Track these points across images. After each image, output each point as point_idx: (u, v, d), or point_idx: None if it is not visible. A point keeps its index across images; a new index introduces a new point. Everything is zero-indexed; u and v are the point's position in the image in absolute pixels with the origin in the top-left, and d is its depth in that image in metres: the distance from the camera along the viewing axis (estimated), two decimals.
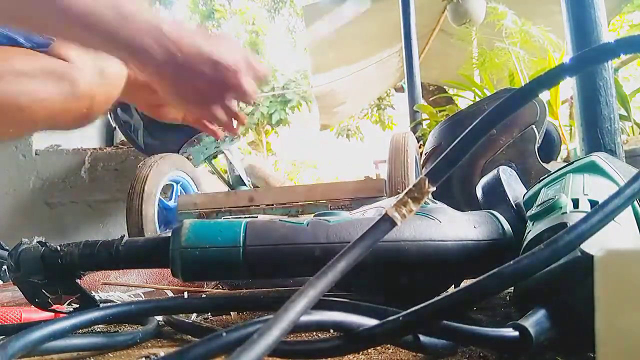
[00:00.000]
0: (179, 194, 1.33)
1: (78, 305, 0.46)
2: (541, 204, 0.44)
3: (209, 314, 0.53)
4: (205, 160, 1.57)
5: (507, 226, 0.49)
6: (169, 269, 0.66)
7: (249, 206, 1.16)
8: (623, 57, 0.58)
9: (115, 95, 0.70)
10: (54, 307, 0.47)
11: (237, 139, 1.57)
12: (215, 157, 1.58)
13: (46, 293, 0.44)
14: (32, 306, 0.51)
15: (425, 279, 0.47)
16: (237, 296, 0.56)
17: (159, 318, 0.48)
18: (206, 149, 1.51)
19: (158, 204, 1.23)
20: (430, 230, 0.44)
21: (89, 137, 1.90)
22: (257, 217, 1.13)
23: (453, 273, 0.47)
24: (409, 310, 0.29)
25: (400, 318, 0.28)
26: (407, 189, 0.30)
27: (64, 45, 0.64)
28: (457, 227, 0.46)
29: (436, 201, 0.54)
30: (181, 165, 1.33)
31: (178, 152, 1.42)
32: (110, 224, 1.54)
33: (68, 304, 0.60)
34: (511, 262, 0.28)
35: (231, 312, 0.53)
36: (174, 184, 1.35)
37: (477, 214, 0.51)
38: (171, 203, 1.28)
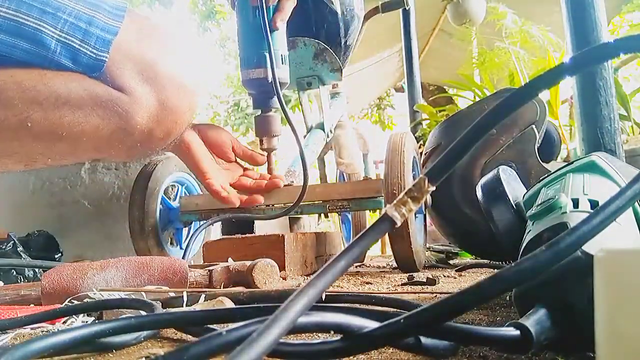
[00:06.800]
0: (182, 195, 1.33)
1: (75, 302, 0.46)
2: (541, 203, 0.44)
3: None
4: (297, 84, 1.31)
5: None
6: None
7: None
8: (623, 57, 0.58)
9: (177, 129, 0.61)
10: (54, 307, 0.47)
11: (339, 74, 1.27)
12: (309, 85, 1.32)
13: None
14: (28, 306, 0.50)
15: None
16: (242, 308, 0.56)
17: None
18: (301, 63, 1.24)
19: (161, 203, 1.23)
20: None
21: None
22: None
23: None
24: (410, 313, 0.29)
25: (402, 320, 0.28)
26: (407, 188, 0.30)
27: (119, 70, 0.56)
28: None
29: None
30: (186, 167, 1.33)
31: None
32: (110, 224, 1.54)
33: (69, 301, 0.60)
34: (512, 265, 0.28)
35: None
36: (179, 186, 1.35)
37: None
38: (174, 203, 1.28)
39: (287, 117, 0.88)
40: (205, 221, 1.16)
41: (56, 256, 1.22)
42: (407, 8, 1.52)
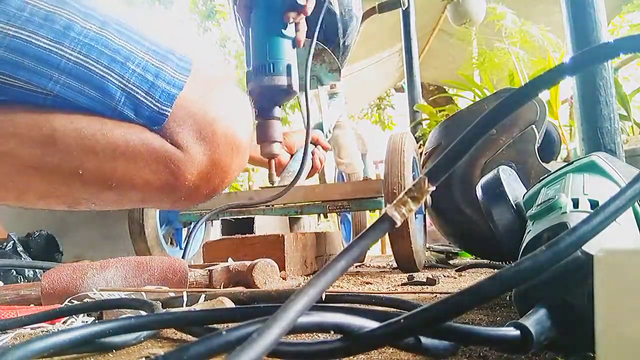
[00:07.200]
0: None
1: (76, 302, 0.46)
2: (541, 203, 0.44)
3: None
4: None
5: None
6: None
7: (248, 206, 1.16)
8: (623, 57, 0.58)
9: (223, 187, 0.60)
10: (54, 306, 0.47)
11: (337, 74, 1.29)
12: None
13: None
14: (28, 306, 0.50)
15: None
16: (241, 308, 0.56)
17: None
18: (300, 63, 1.21)
19: None
20: None
21: None
22: (254, 218, 1.14)
23: None
24: (410, 313, 0.29)
25: (402, 320, 0.28)
26: (407, 188, 0.30)
27: (178, 127, 0.55)
28: None
29: None
30: None
31: None
32: (110, 224, 1.54)
33: (69, 301, 0.60)
34: (512, 264, 0.28)
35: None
36: None
37: None
38: None
39: (307, 123, 0.91)
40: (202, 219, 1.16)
41: (56, 256, 1.22)
42: (403, 8, 1.52)
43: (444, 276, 0.93)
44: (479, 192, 0.63)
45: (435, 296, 0.64)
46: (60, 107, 0.52)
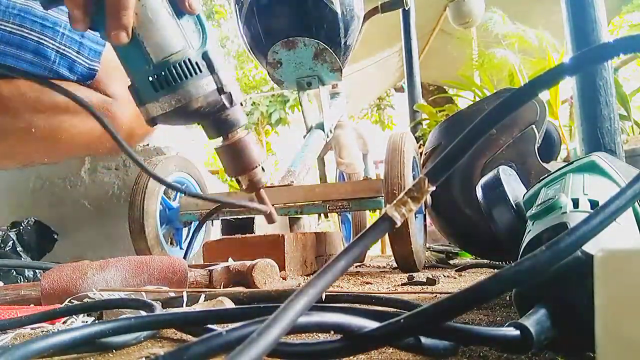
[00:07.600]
0: (182, 195, 1.33)
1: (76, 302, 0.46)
2: (541, 203, 0.44)
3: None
4: (296, 84, 1.33)
5: None
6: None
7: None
8: (623, 57, 0.58)
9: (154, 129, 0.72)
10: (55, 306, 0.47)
11: (339, 74, 1.30)
12: (309, 85, 1.33)
13: None
14: (28, 306, 0.50)
15: None
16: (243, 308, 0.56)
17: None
18: (301, 63, 1.26)
19: (161, 203, 1.23)
20: None
21: None
22: (254, 218, 1.14)
23: None
24: (410, 313, 0.29)
25: (402, 320, 0.28)
26: (407, 188, 0.30)
27: (108, 79, 0.65)
28: None
29: None
30: (186, 166, 1.33)
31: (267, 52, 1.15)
32: (110, 224, 1.54)
33: (68, 301, 0.60)
34: (512, 264, 0.28)
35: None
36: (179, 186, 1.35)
37: None
38: (174, 203, 1.28)
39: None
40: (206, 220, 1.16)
41: (49, 245, 1.21)
42: (406, 8, 1.52)
43: (444, 276, 0.93)
44: (479, 192, 0.63)
45: (435, 296, 0.64)
46: (2, 75, 0.60)
